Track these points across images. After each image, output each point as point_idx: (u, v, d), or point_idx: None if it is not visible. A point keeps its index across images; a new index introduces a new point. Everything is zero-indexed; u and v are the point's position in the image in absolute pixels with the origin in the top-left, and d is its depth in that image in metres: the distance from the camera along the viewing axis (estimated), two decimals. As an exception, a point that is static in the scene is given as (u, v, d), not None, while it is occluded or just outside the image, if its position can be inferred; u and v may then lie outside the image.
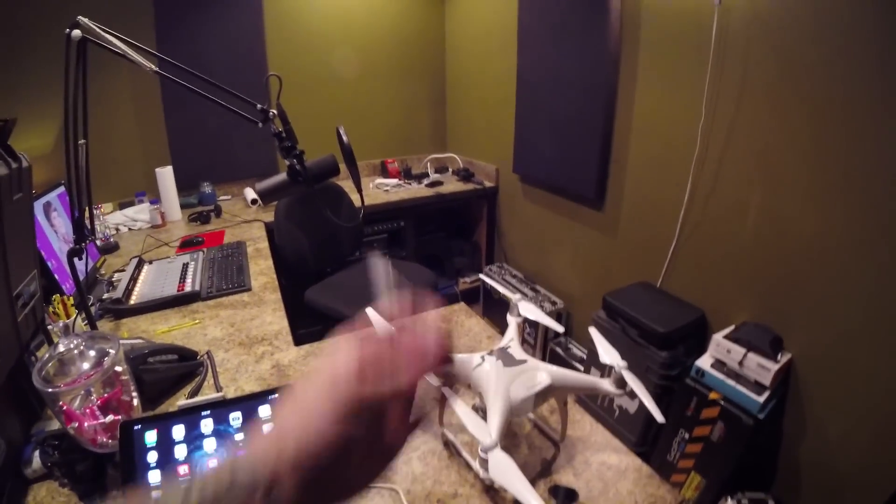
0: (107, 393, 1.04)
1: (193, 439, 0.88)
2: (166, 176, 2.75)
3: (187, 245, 2.37)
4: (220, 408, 0.92)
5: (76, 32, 1.31)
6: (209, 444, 0.89)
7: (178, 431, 0.89)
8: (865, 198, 1.55)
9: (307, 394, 0.36)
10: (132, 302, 1.73)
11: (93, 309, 1.68)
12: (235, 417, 0.92)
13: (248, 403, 0.93)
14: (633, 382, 0.94)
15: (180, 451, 0.88)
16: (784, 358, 1.76)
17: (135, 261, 2.03)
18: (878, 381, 1.57)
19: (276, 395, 0.94)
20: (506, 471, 0.75)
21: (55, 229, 1.83)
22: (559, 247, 3.01)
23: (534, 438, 1.14)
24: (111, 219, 2.66)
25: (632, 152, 2.36)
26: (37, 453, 1.01)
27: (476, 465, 1.00)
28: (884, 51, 1.45)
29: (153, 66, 1.42)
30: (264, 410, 0.93)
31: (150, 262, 2.08)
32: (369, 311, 1.20)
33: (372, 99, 3.67)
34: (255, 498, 0.31)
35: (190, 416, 0.90)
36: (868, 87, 1.50)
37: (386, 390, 0.37)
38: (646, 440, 2.10)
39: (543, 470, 1.05)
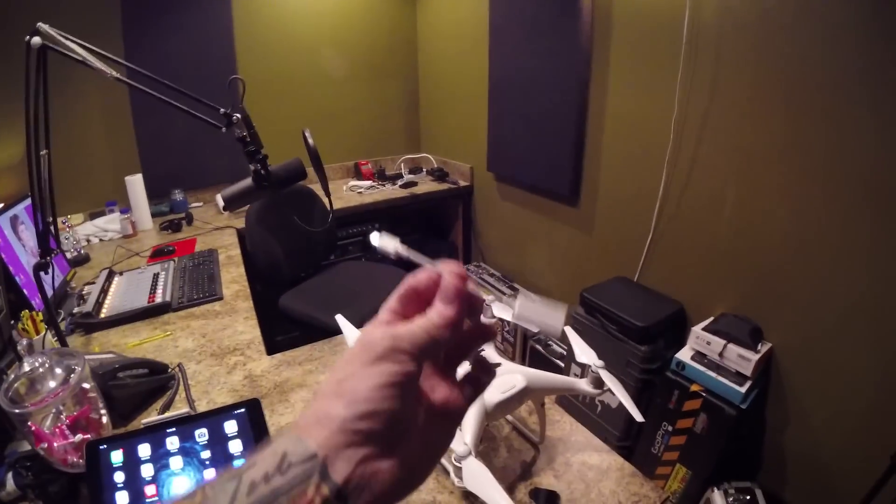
0: (76, 411, 1.01)
1: (160, 458, 0.86)
2: (136, 184, 2.69)
3: (158, 254, 2.31)
4: (185, 424, 0.89)
5: (36, 40, 1.27)
6: (176, 462, 0.86)
7: (144, 450, 0.86)
8: (840, 188, 1.56)
9: (345, 365, 0.33)
10: (103, 315, 1.68)
11: (63, 324, 1.64)
12: (201, 434, 0.89)
13: (214, 419, 0.91)
14: (611, 381, 0.93)
15: (147, 471, 0.85)
16: (764, 348, 1.77)
17: (105, 273, 1.98)
18: (859, 368, 1.59)
19: (243, 411, 0.92)
20: (480, 479, 0.73)
21: (23, 243, 1.78)
22: (536, 244, 3.01)
23: (513, 441, 1.12)
24: (81, 230, 2.60)
25: (605, 148, 2.36)
26: (10, 475, 0.98)
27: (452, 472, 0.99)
28: (860, 42, 1.45)
29: (114, 73, 1.38)
30: (230, 426, 0.91)
31: (121, 274, 2.04)
32: (339, 318, 1.16)
33: (344, 100, 3.63)
34: (312, 482, 0.28)
35: (155, 434, 0.87)
36: (843, 79, 1.50)
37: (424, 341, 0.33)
38: (629, 434, 2.10)
39: (523, 473, 1.04)
